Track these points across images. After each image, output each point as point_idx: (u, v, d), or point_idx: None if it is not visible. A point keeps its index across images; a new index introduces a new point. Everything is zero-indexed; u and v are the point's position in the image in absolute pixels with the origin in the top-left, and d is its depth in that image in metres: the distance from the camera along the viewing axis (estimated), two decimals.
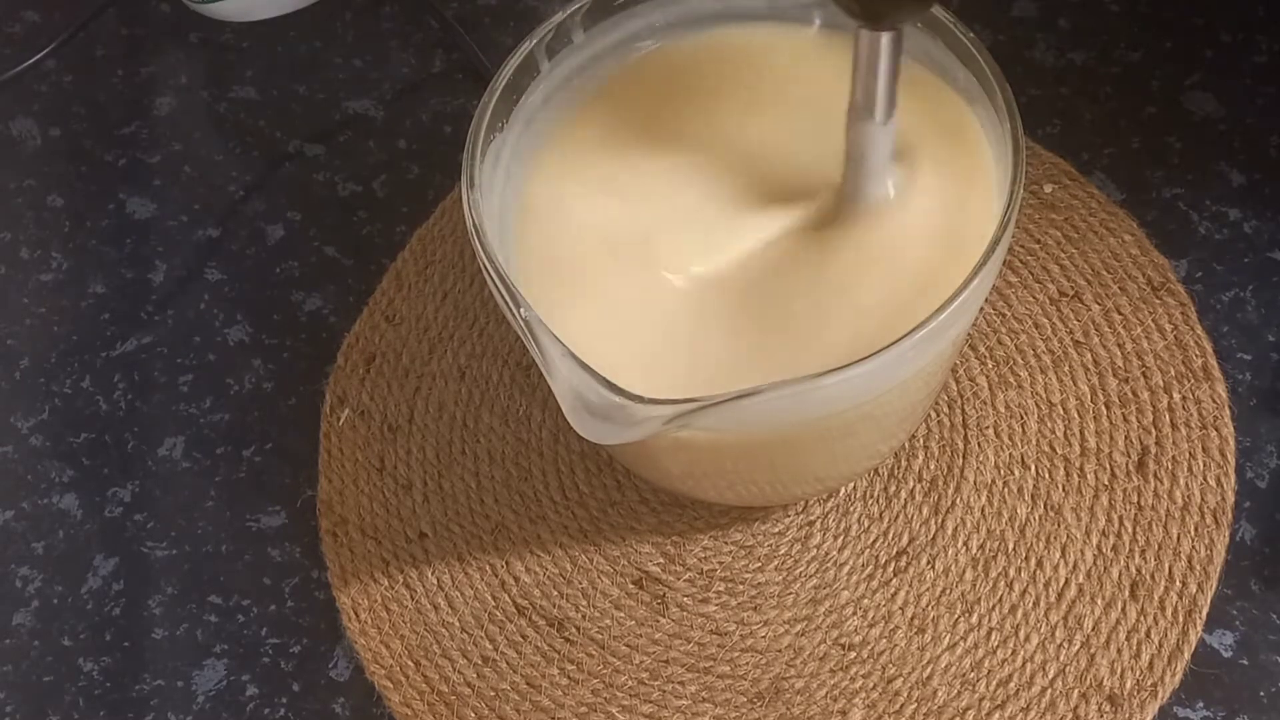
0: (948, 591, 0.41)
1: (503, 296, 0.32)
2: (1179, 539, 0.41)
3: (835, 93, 0.39)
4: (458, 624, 0.42)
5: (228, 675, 0.43)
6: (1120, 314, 0.46)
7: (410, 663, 0.42)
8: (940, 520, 0.42)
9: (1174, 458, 0.43)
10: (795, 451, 0.37)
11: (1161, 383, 0.44)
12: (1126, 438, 0.43)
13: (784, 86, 0.39)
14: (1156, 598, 0.40)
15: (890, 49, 0.33)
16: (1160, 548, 0.41)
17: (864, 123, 0.34)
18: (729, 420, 0.32)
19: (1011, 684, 0.39)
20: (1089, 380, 0.44)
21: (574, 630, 0.42)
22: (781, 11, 0.39)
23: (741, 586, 0.42)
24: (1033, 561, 0.41)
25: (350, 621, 0.43)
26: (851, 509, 0.43)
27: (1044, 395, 0.44)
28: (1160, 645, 0.39)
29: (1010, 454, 0.43)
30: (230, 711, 0.42)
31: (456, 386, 0.47)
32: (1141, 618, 0.40)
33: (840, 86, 0.39)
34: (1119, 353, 0.45)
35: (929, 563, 0.42)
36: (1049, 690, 0.39)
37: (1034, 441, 0.43)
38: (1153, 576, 0.41)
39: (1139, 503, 0.42)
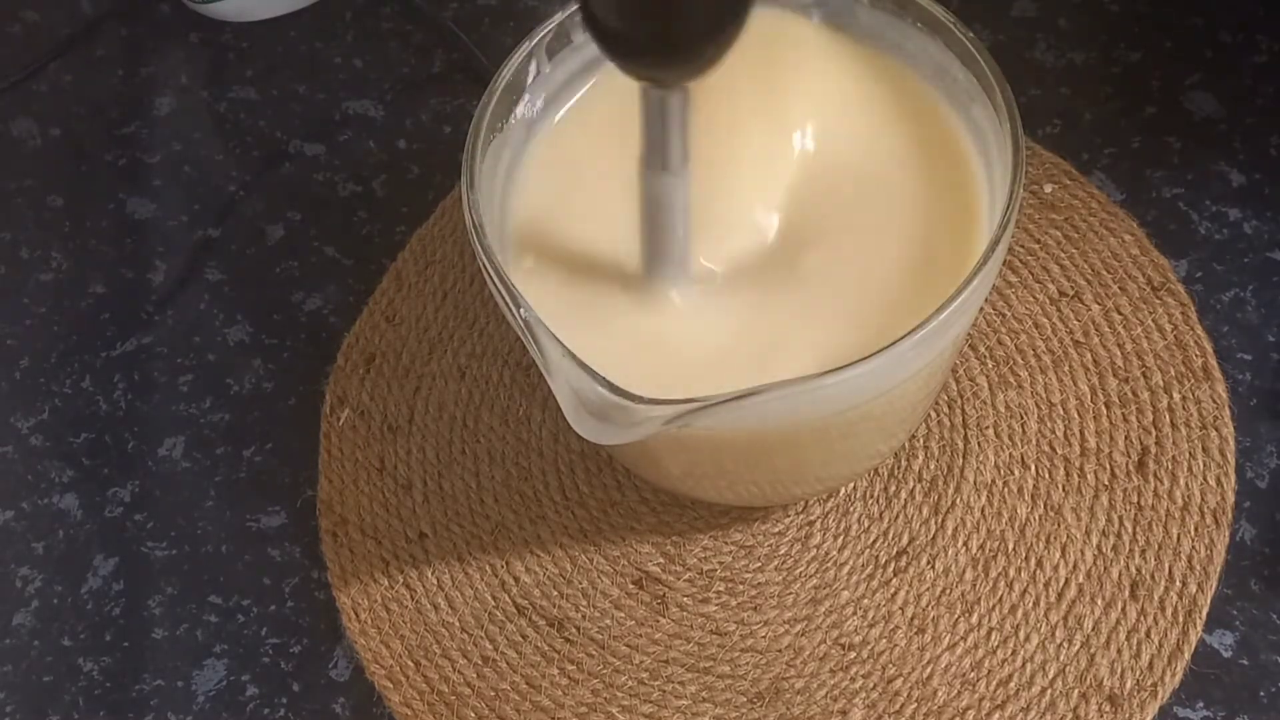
0: (948, 591, 0.41)
1: (503, 296, 0.32)
2: (1179, 539, 0.41)
3: (838, 85, 0.39)
4: (458, 624, 0.42)
5: (228, 675, 0.43)
6: (1120, 314, 0.46)
7: (410, 663, 0.42)
8: (940, 520, 0.42)
9: (1174, 458, 0.43)
10: (795, 451, 0.37)
11: (1161, 383, 0.44)
12: (1126, 438, 0.43)
13: (786, 78, 0.39)
14: (1156, 598, 0.40)
15: (679, 103, 0.32)
16: (1160, 548, 0.41)
17: (655, 174, 0.33)
18: (729, 420, 0.32)
19: (1011, 684, 0.39)
20: (1089, 380, 0.44)
21: (574, 630, 0.42)
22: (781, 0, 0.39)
23: (741, 586, 0.42)
24: (1033, 561, 0.41)
25: (350, 621, 0.43)
26: (851, 509, 0.43)
27: (1044, 395, 0.44)
28: (1160, 645, 0.39)
29: (1010, 454, 0.43)
30: (230, 711, 0.42)
31: (456, 386, 0.47)
32: (1141, 618, 0.40)
33: (842, 83, 0.39)
34: (1119, 353, 0.45)
35: (929, 563, 0.42)
36: (1049, 690, 0.39)
37: (1034, 441, 0.43)
38: (1153, 576, 0.41)
39: (1139, 503, 0.42)
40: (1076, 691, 0.39)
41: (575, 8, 0.38)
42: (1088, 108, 0.52)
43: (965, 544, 0.42)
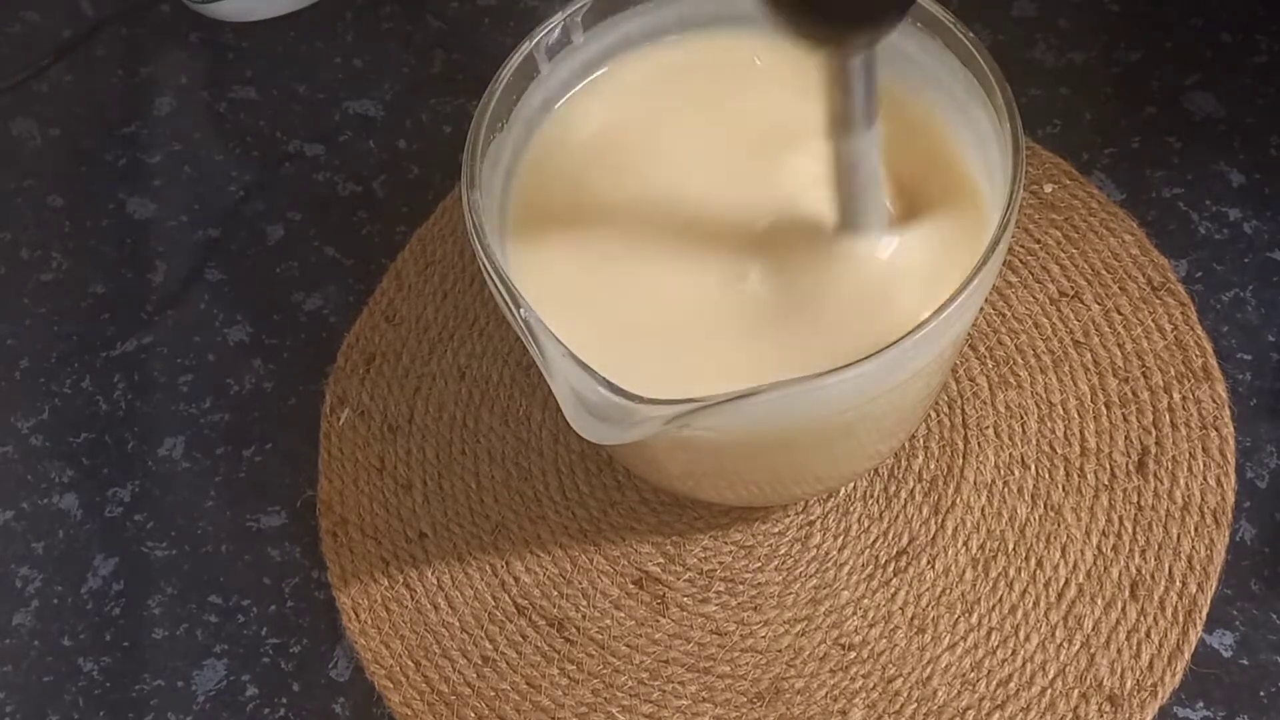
0: (948, 591, 0.41)
1: (503, 296, 0.32)
2: (1179, 539, 0.41)
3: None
4: (458, 624, 0.42)
5: (228, 675, 0.43)
6: (1120, 314, 0.46)
7: (410, 663, 0.42)
8: (940, 520, 0.42)
9: (1174, 458, 0.43)
10: (795, 451, 0.37)
11: (1161, 383, 0.44)
12: (1126, 438, 0.43)
13: (785, 88, 0.39)
14: (1156, 598, 0.40)
15: (867, 63, 0.32)
16: (1160, 548, 0.41)
17: (848, 138, 0.33)
18: (729, 420, 0.32)
19: (1011, 684, 0.39)
20: (1089, 380, 0.44)
21: (574, 630, 0.42)
22: None
23: (741, 586, 0.42)
24: (1033, 561, 0.41)
25: (350, 621, 0.43)
26: (851, 509, 0.43)
27: (1044, 395, 0.44)
28: (1160, 645, 0.39)
29: (1010, 454, 0.43)
30: (230, 711, 0.42)
31: (456, 386, 0.47)
32: (1141, 618, 0.40)
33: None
34: (1119, 353, 0.45)
35: (929, 563, 0.42)
36: (1049, 690, 0.39)
37: (1034, 441, 0.43)
38: (1153, 576, 0.41)
39: (1139, 503, 0.42)
40: (1076, 691, 0.39)
41: (575, 7, 0.38)
42: (1088, 108, 0.52)
43: (965, 544, 0.42)
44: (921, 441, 0.44)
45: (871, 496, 0.43)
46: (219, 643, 0.44)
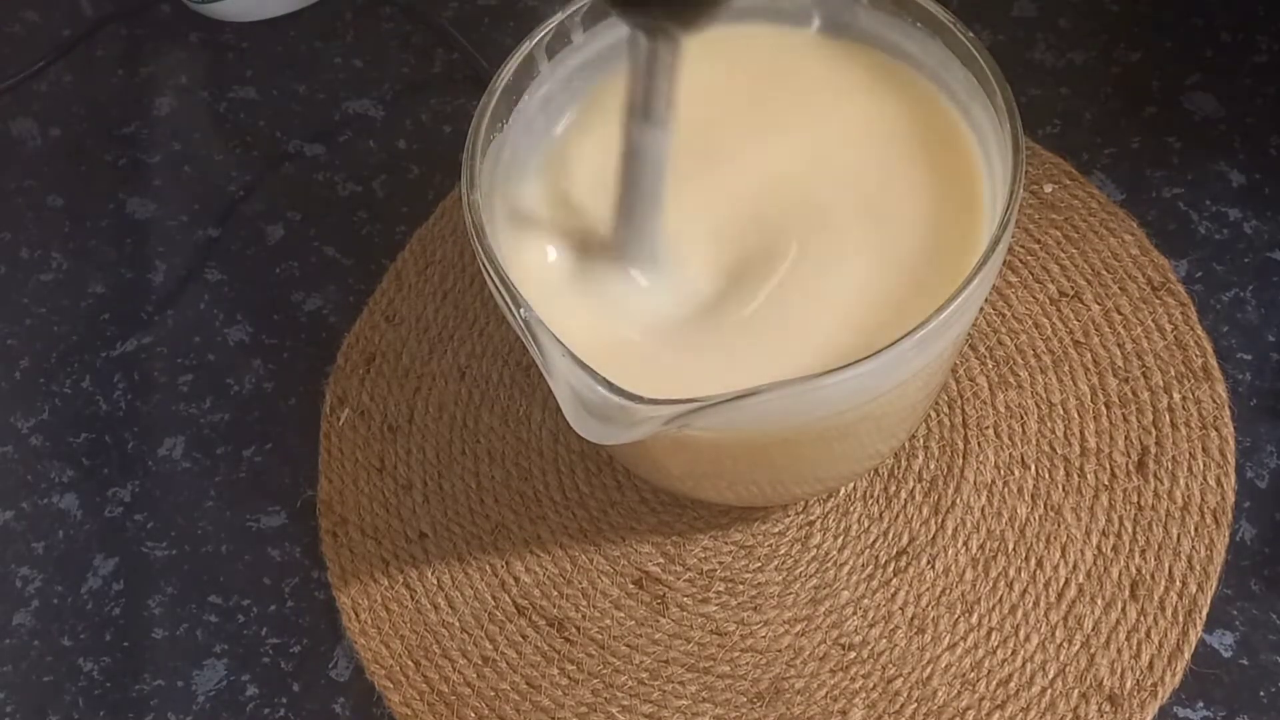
0: (948, 591, 0.41)
1: (503, 296, 0.32)
2: (1179, 539, 0.41)
3: (834, 93, 0.39)
4: (458, 624, 0.42)
5: (228, 675, 0.43)
6: (1120, 314, 0.46)
7: (410, 663, 0.42)
8: (940, 520, 0.42)
9: (1174, 458, 0.43)
10: (795, 451, 0.37)
11: (1161, 383, 0.44)
12: (1126, 438, 0.43)
13: (782, 86, 0.39)
14: (1156, 598, 0.40)
15: (669, 54, 0.32)
16: (1160, 548, 0.41)
17: (637, 124, 0.34)
18: (729, 420, 0.32)
19: (1011, 684, 0.39)
20: (1089, 380, 0.44)
21: (574, 630, 0.42)
22: (779, 11, 0.39)
23: (741, 586, 0.42)
24: (1033, 561, 0.41)
25: (350, 621, 0.43)
26: (851, 509, 0.43)
27: (1044, 395, 0.44)
28: (1160, 645, 0.39)
29: (1010, 454, 0.43)
30: (230, 711, 0.42)
31: (456, 386, 0.47)
32: (1141, 618, 0.40)
33: (840, 86, 0.39)
34: (1119, 353, 0.45)
35: (929, 563, 0.42)
36: (1049, 690, 0.39)
37: (1034, 441, 0.43)
38: (1153, 576, 0.41)
39: (1139, 503, 0.42)
40: (1076, 691, 0.39)
41: (575, 7, 0.38)
42: (1088, 108, 0.52)
43: (965, 544, 0.42)
44: (921, 441, 0.44)
45: (871, 496, 0.43)
46: (219, 643, 0.44)
